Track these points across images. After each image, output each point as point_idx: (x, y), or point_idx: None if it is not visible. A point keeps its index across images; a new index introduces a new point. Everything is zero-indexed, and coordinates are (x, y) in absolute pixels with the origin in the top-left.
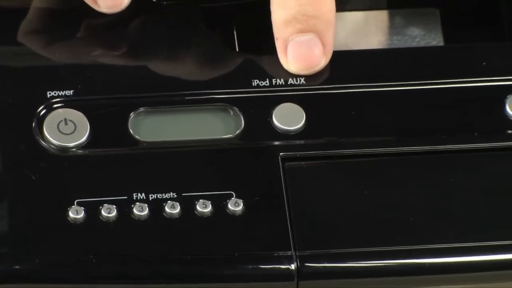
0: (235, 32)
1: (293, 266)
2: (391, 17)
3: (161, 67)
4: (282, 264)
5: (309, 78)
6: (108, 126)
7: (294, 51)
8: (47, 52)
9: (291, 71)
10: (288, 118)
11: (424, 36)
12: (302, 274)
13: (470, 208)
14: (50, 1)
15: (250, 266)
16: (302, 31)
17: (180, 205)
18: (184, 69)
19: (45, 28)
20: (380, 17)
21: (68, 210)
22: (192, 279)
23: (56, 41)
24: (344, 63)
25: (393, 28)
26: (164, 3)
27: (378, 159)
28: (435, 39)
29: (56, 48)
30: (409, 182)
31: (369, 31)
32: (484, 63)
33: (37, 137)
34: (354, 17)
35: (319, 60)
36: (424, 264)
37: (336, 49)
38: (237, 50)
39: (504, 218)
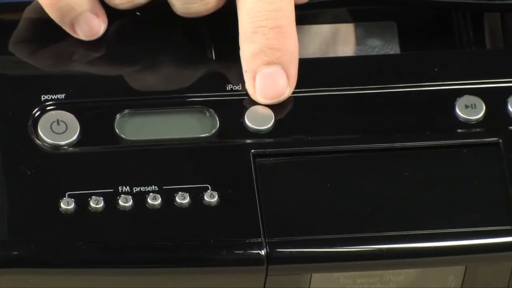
0: (211, 41)
1: (263, 252)
2: (353, 30)
3: (144, 73)
4: (253, 250)
5: None
6: (96, 126)
7: (261, 82)
8: (40, 60)
9: (258, 101)
10: (259, 119)
11: (383, 46)
12: (271, 259)
13: (422, 199)
14: (41, 12)
15: (224, 252)
16: (268, 63)
17: (161, 197)
18: (165, 74)
19: (37, 38)
20: (343, 29)
21: (60, 202)
22: (172, 264)
23: (48, 50)
24: (309, 69)
25: (355, 39)
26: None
27: (340, 156)
28: (392, 49)
29: (49, 56)
30: (368, 176)
31: (333, 42)
32: (436, 69)
33: (32, 136)
34: (320, 29)
35: (284, 90)
36: (381, 249)
37: (302, 57)
38: (213, 57)
39: (453, 207)
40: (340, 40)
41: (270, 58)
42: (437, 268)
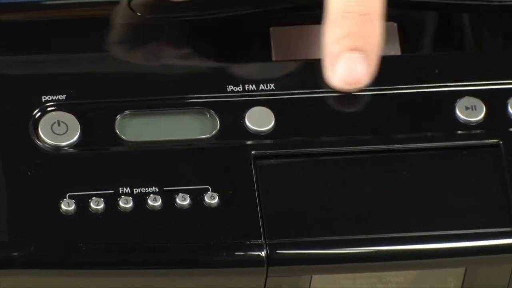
0: (212, 42)
1: (263, 253)
2: None
3: (145, 75)
4: (253, 251)
5: (278, 84)
6: (97, 127)
7: (343, 67)
8: (41, 61)
9: (335, 86)
10: (259, 120)
11: (383, 47)
12: (271, 260)
13: (423, 201)
14: (42, 13)
15: (224, 253)
16: (352, 49)
17: (161, 198)
18: (166, 75)
19: (38, 39)
20: None
21: (61, 203)
22: (172, 265)
23: (49, 51)
24: (310, 70)
25: None
26: (148, 17)
27: (341, 157)
28: (393, 50)
29: (49, 57)
30: (369, 178)
31: None
32: (437, 71)
33: (33, 137)
34: (318, 30)
35: (364, 78)
36: (382, 251)
37: (302, 58)
38: (214, 59)
39: (453, 209)
40: None
41: (355, 44)
42: (437, 270)
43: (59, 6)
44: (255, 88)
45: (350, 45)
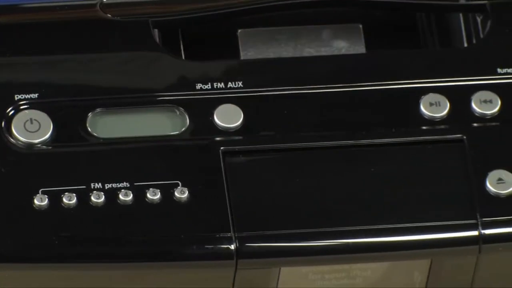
0: (181, 43)
1: (232, 246)
2: (320, 32)
3: (116, 73)
4: (223, 244)
5: (246, 82)
6: (68, 125)
7: None
8: (14, 61)
9: None
10: (228, 117)
11: (349, 48)
12: (240, 253)
13: (388, 194)
14: (15, 15)
15: (194, 246)
16: None
17: (132, 193)
18: (136, 74)
19: (11, 40)
20: (310, 31)
21: (34, 198)
22: (143, 258)
23: (22, 51)
24: (276, 68)
25: (321, 41)
26: (119, 19)
27: (308, 152)
28: (358, 51)
29: (22, 57)
30: (335, 172)
31: (301, 43)
32: (401, 68)
33: (6, 135)
34: (289, 31)
35: None
36: (348, 243)
37: (269, 57)
38: (183, 58)
39: (418, 202)
40: (306, 41)
41: None
42: (402, 264)
43: (32, 10)
44: (223, 86)
45: None
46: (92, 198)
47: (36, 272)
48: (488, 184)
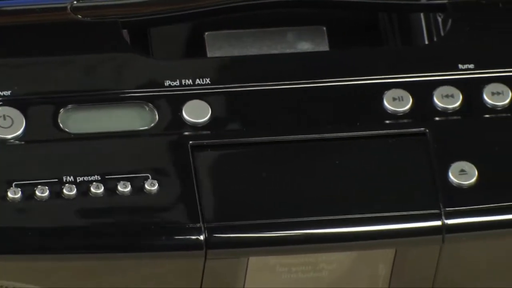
0: (150, 42)
1: (202, 237)
2: (285, 34)
3: (87, 72)
4: (192, 235)
5: (213, 78)
6: (40, 121)
7: None
8: None
9: None
10: (196, 112)
11: (313, 49)
12: (209, 243)
13: (353, 185)
14: None
15: (164, 237)
16: None
17: (103, 185)
18: (106, 73)
19: None
20: (275, 34)
21: (7, 191)
22: (114, 249)
23: None
24: (243, 66)
25: (286, 43)
26: (89, 19)
27: (274, 146)
28: None
29: None
30: (301, 164)
31: (266, 45)
32: (365, 65)
33: None
34: (254, 33)
35: None
36: (314, 233)
37: (235, 55)
38: (152, 56)
39: (382, 193)
40: (270, 43)
41: None
42: (367, 257)
43: (4, 13)
44: (191, 83)
45: None
46: (64, 191)
47: (9, 263)
48: (450, 175)
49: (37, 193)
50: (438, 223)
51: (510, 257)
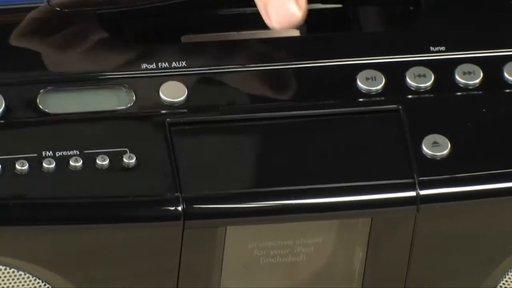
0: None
1: (180, 208)
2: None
3: (66, 55)
4: (170, 206)
5: (189, 61)
6: (20, 102)
7: (273, 10)
8: None
9: (273, 28)
10: (173, 93)
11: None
12: (188, 214)
13: (329, 158)
14: None
15: (143, 208)
16: None
17: (82, 159)
18: (85, 56)
19: None
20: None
21: None
22: (93, 220)
23: None
24: (219, 49)
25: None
26: (66, 10)
27: (250, 123)
28: None
29: None
30: (276, 139)
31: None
32: (339, 48)
33: None
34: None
35: (296, 15)
36: (292, 203)
37: (211, 40)
38: (129, 41)
39: (358, 164)
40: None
41: None
42: (344, 240)
43: None
44: (167, 66)
45: None
46: (44, 165)
47: None
48: (424, 147)
49: (17, 166)
50: (413, 192)
51: (482, 230)
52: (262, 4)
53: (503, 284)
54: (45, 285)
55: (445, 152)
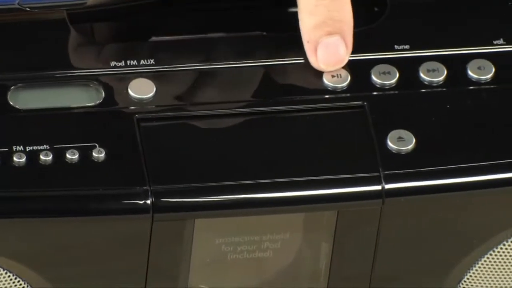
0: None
1: (148, 201)
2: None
3: (36, 54)
4: (139, 199)
5: (157, 59)
6: None
7: (324, 51)
8: None
9: (320, 69)
10: (141, 89)
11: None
12: (156, 207)
13: (296, 152)
14: None
15: (112, 201)
16: (330, 34)
17: (52, 154)
18: (55, 55)
19: None
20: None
21: None
22: (63, 214)
23: None
24: (186, 47)
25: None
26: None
27: (218, 118)
28: None
29: None
30: (244, 134)
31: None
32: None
33: None
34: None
35: (344, 57)
36: (257, 197)
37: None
38: (96, 40)
39: (325, 158)
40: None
41: (331, 28)
42: (310, 235)
43: None
44: (136, 63)
45: (328, 30)
46: (14, 159)
47: None
48: (389, 142)
49: None
50: (378, 186)
51: (446, 225)
52: (312, 46)
53: (464, 282)
54: (25, 284)
55: (410, 146)
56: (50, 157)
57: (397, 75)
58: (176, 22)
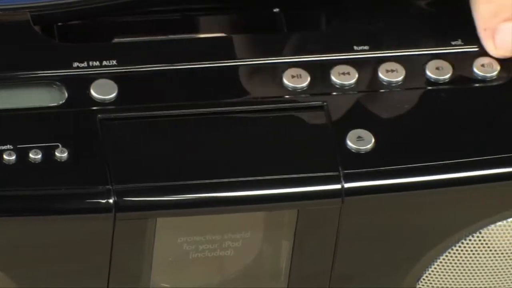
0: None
1: (111, 200)
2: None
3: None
4: (101, 198)
5: (120, 60)
6: None
7: (502, 37)
8: None
9: (496, 56)
10: (103, 90)
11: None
12: (118, 206)
13: (255, 151)
14: None
15: (74, 200)
16: (507, 20)
17: (15, 153)
18: (17, 57)
19: None
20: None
21: None
22: (26, 213)
23: None
24: (149, 48)
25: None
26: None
27: (179, 118)
28: None
29: None
30: (205, 133)
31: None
32: (266, 48)
33: None
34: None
35: None
36: (219, 196)
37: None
38: (59, 41)
39: (285, 157)
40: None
41: (508, 15)
42: (271, 234)
43: None
44: (99, 64)
45: (505, 17)
46: None
47: None
48: (348, 142)
49: None
50: (338, 185)
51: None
52: (489, 33)
53: (423, 280)
54: None
55: (369, 146)
56: (13, 157)
57: (357, 76)
58: (138, 23)
